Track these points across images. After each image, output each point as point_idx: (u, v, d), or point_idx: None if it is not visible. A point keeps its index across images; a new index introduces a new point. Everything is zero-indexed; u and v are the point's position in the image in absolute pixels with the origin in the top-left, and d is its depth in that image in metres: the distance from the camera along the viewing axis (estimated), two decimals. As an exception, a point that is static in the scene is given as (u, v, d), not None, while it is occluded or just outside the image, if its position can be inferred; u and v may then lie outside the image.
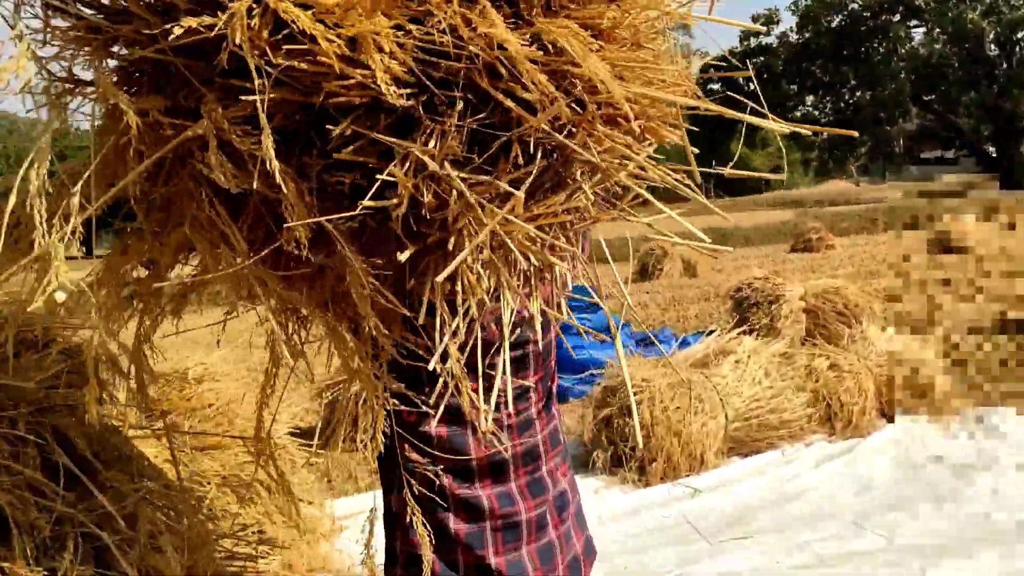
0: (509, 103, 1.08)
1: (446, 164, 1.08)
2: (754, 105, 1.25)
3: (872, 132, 31.29)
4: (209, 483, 2.71)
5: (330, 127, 1.08)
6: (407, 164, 1.07)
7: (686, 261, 13.82)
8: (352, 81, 1.03)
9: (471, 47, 1.06)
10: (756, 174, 1.41)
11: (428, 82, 1.06)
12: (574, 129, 1.15)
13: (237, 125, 1.07)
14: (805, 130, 1.25)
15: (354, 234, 1.15)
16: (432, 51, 1.05)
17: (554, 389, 1.54)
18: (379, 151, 1.10)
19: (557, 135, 1.12)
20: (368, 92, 1.04)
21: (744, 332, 5.11)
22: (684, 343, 6.55)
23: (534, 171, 1.13)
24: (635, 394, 4.09)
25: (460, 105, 1.08)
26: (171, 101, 1.12)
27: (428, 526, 1.36)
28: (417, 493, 1.36)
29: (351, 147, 1.09)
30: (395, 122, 1.09)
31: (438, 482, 1.36)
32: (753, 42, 33.01)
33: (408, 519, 1.37)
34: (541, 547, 1.44)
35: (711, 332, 6.94)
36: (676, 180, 1.23)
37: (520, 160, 1.12)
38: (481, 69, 1.07)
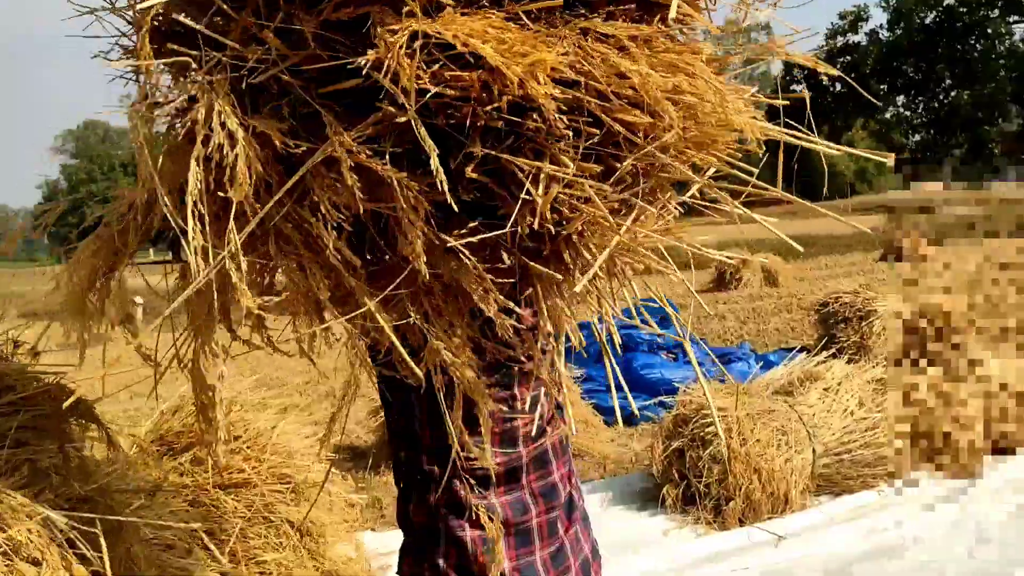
0: (619, 127, 1.16)
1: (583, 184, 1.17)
2: (805, 136, 1.34)
3: (970, 133, 29.68)
4: (234, 526, 2.46)
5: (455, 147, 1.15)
6: (540, 183, 1.15)
7: (766, 270, 13.20)
8: (492, 106, 1.12)
9: (605, 82, 1.16)
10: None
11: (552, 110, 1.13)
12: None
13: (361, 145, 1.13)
14: (836, 150, 1.40)
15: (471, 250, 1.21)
16: (561, 81, 1.14)
17: (560, 397, 1.59)
18: (490, 170, 1.18)
19: (663, 156, 1.21)
20: (504, 116, 1.13)
21: (833, 355, 4.63)
22: (766, 363, 6.09)
23: (640, 187, 1.23)
24: (710, 425, 3.70)
25: (583, 129, 1.16)
26: (288, 124, 1.17)
27: (445, 534, 1.42)
28: (433, 502, 1.41)
29: (469, 166, 1.16)
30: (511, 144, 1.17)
31: (454, 492, 1.40)
32: (840, 40, 31.73)
33: (424, 526, 1.44)
34: (553, 551, 1.48)
35: (796, 350, 6.47)
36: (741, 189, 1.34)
37: (626, 178, 1.22)
38: (593, 96, 1.16)
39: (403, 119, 1.10)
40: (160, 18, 1.23)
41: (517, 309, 1.27)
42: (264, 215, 1.17)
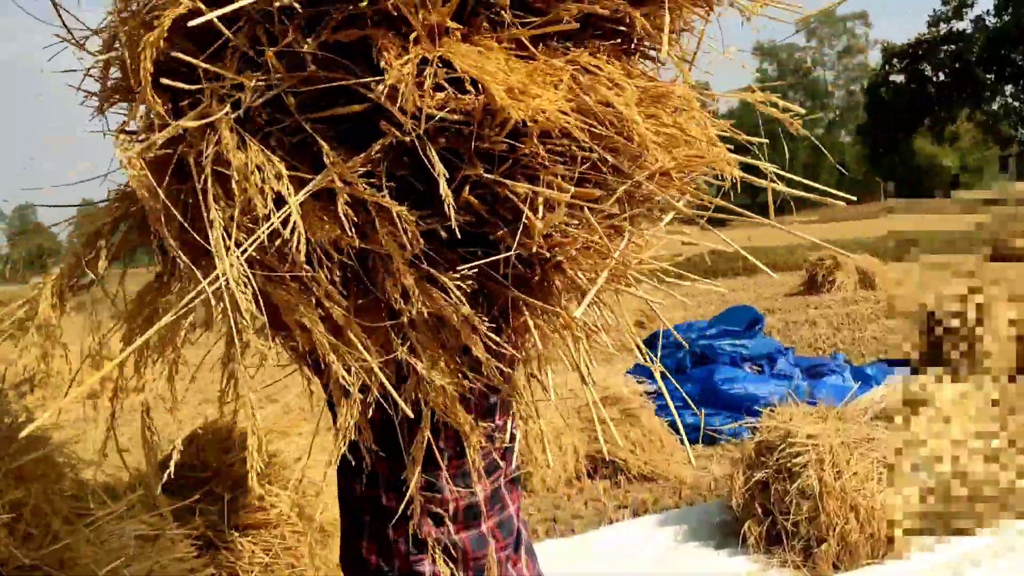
0: (608, 156, 1.19)
1: (585, 209, 1.20)
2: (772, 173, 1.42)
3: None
4: (250, 572, 2.21)
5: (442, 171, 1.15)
6: (538, 209, 1.15)
7: (862, 272, 12.42)
8: (495, 128, 1.12)
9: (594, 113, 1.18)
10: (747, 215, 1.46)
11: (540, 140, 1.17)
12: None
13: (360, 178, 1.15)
14: (788, 190, 1.43)
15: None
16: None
17: (517, 434, 1.58)
18: (482, 197, 1.18)
19: (649, 183, 1.22)
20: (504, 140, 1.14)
21: (944, 370, 4.11)
22: (862, 377, 5.57)
23: (628, 214, 1.26)
24: (798, 455, 3.28)
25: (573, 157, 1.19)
26: (281, 154, 1.15)
27: (401, 571, 1.42)
28: (392, 539, 1.41)
29: (464, 191, 1.17)
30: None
31: (415, 528, 1.38)
32: (943, 28, 30.10)
33: (378, 564, 1.44)
34: None
35: (898, 363, 5.89)
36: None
37: (613, 206, 1.23)
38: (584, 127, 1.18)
39: (408, 139, 1.11)
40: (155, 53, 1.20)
41: (505, 346, 1.25)
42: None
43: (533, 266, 1.25)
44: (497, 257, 1.17)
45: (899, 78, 28.35)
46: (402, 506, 1.36)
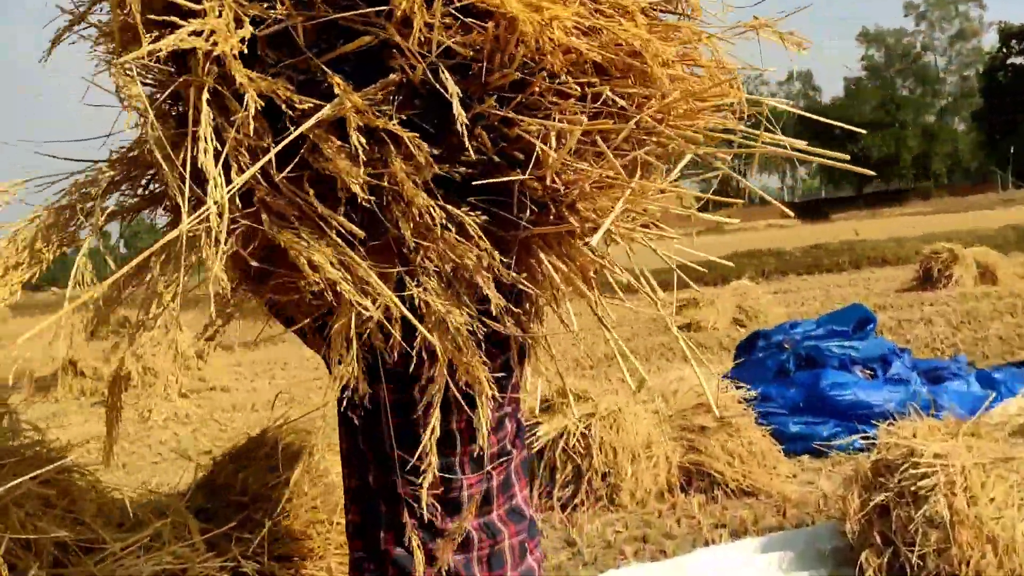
0: (617, 98, 1.20)
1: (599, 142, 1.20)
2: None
3: None
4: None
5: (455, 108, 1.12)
6: (550, 143, 1.16)
7: (982, 265, 11.48)
8: (507, 55, 1.11)
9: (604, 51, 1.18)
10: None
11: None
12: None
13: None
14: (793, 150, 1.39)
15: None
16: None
17: (522, 420, 1.57)
18: (493, 139, 1.19)
19: (659, 125, 1.24)
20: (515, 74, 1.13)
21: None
22: (988, 382, 5.00)
23: (637, 153, 1.25)
24: (924, 477, 2.85)
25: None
26: (293, 84, 1.13)
27: (423, 561, 1.40)
28: (407, 523, 1.41)
29: (477, 128, 1.15)
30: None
31: (430, 517, 1.39)
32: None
33: (400, 553, 1.42)
34: (524, 571, 1.51)
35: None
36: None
37: (623, 146, 1.24)
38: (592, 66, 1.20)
39: (418, 71, 1.09)
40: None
41: (523, 282, 1.24)
42: (257, 189, 1.12)
43: (547, 208, 1.23)
44: (511, 178, 1.15)
45: (1018, 60, 26.45)
46: (419, 493, 1.33)
